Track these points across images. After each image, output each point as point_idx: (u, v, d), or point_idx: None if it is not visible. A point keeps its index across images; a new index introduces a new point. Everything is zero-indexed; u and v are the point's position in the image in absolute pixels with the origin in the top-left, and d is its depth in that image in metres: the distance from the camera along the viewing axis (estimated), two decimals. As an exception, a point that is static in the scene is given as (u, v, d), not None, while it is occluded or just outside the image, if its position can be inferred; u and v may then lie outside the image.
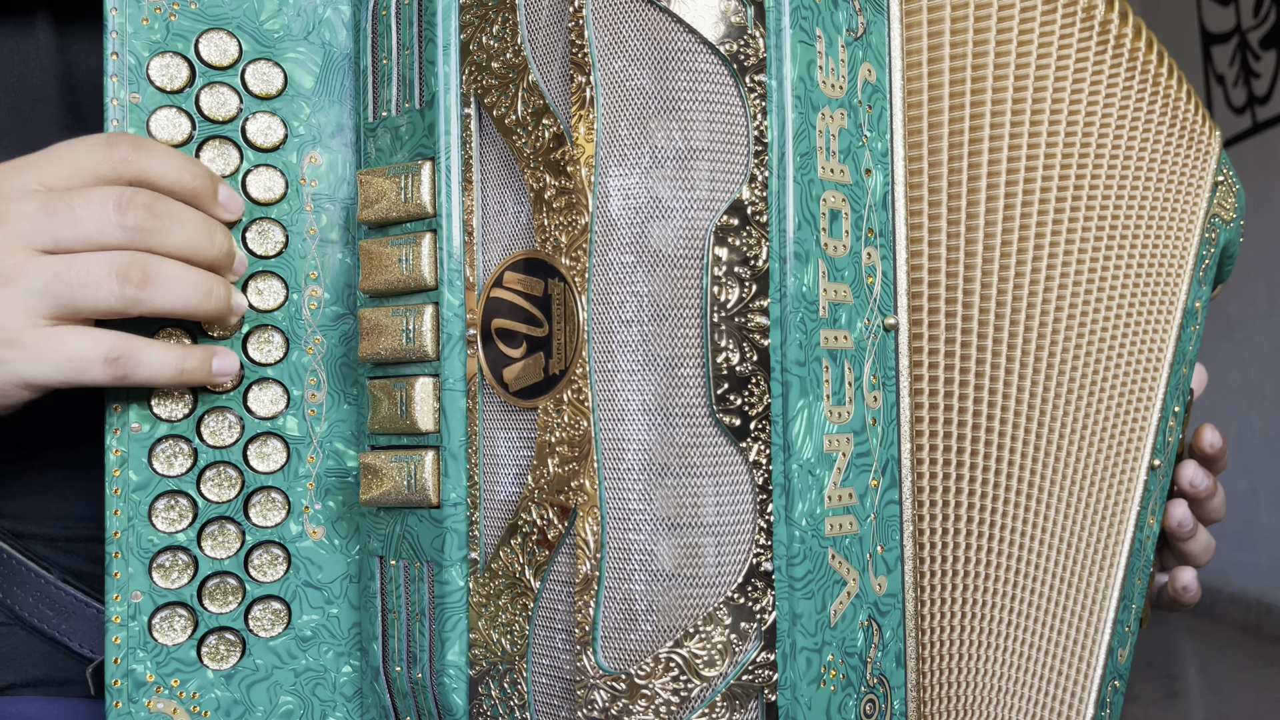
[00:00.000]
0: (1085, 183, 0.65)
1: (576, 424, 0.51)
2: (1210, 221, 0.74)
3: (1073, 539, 0.65)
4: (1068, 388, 0.64)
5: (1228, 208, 0.77)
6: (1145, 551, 0.70)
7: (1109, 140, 0.66)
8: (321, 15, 0.61)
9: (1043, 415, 0.63)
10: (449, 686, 0.55)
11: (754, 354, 0.50)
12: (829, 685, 0.52)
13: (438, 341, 0.55)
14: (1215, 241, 0.75)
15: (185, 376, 0.55)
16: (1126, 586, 0.68)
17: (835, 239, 0.53)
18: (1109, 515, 0.67)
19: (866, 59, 0.55)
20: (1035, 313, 0.63)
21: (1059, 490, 0.64)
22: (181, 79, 0.59)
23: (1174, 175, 0.71)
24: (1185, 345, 0.73)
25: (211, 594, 0.58)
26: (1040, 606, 0.64)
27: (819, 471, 0.52)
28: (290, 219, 0.60)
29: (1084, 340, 0.65)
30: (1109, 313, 0.66)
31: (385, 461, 0.56)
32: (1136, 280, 0.69)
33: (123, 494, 0.57)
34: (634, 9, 0.51)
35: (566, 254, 0.52)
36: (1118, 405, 0.68)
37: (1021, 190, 0.62)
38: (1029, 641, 0.63)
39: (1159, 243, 0.70)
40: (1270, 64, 3.95)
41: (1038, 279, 0.63)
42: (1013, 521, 0.62)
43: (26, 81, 0.67)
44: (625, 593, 0.51)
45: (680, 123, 0.51)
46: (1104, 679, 0.67)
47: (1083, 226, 0.65)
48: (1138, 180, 0.68)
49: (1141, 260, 0.69)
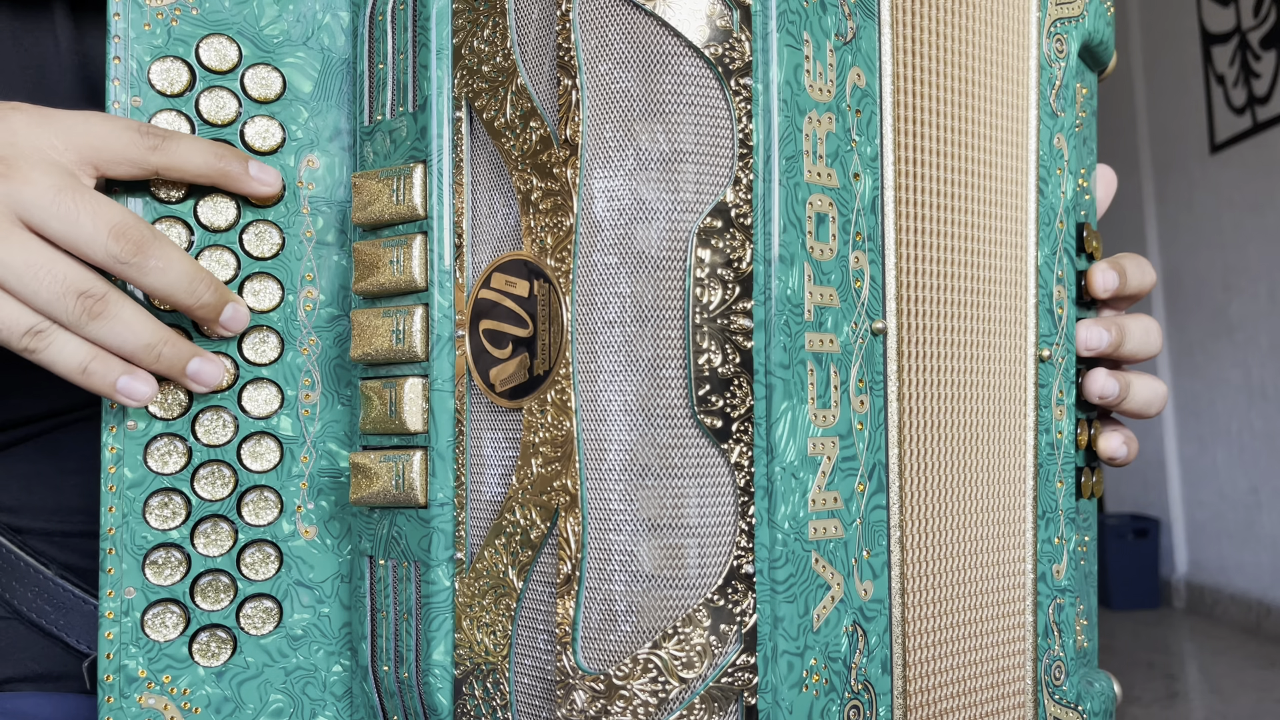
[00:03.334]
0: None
1: (560, 424, 0.52)
2: (1050, 32, 0.64)
3: (994, 498, 0.61)
4: (987, 344, 0.60)
5: (1071, 1, 0.65)
6: (1061, 449, 0.64)
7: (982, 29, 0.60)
8: (320, 21, 0.62)
9: (970, 384, 0.59)
10: (434, 686, 0.55)
11: (737, 356, 0.50)
12: (811, 690, 0.52)
13: (427, 342, 0.56)
14: (1064, 52, 0.65)
15: (87, 377, 0.55)
16: (1042, 501, 0.62)
17: (822, 242, 0.53)
18: (1009, 446, 0.62)
19: (856, 63, 0.55)
20: (970, 294, 0.59)
21: (985, 458, 0.60)
22: (182, 83, 0.60)
23: (1001, 16, 0.62)
24: (1052, 196, 0.64)
25: (204, 591, 0.59)
26: (987, 586, 0.61)
27: (803, 474, 0.52)
28: (287, 221, 0.61)
29: (978, 286, 0.60)
30: (981, 234, 0.61)
31: (375, 461, 0.57)
32: (999, 164, 0.61)
33: (118, 491, 0.58)
34: (620, 13, 0.51)
35: (552, 255, 0.52)
36: (1004, 318, 0.61)
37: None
38: (985, 625, 0.61)
39: (996, 101, 0.61)
40: (1270, 64, 3.91)
41: (970, 268, 0.60)
42: (964, 506, 0.60)
43: (44, 72, 0.68)
44: (606, 593, 0.51)
45: (665, 126, 0.51)
46: (1038, 608, 0.63)
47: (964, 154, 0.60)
48: (993, 60, 0.61)
49: (987, 134, 0.61)
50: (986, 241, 0.61)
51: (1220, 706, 3.18)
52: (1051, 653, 0.64)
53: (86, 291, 0.53)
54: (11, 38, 0.67)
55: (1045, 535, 0.63)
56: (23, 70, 0.68)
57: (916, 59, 0.59)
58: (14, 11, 0.67)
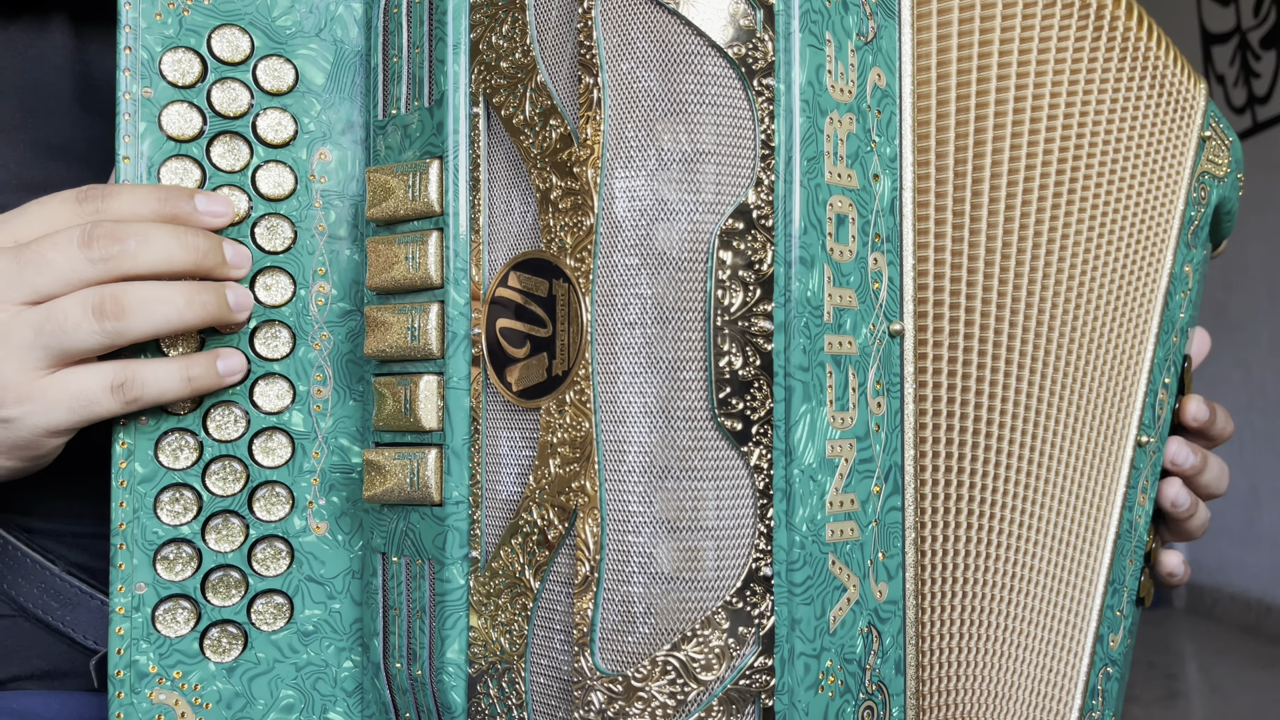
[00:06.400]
0: (1080, 173, 0.64)
1: (578, 425, 0.51)
2: (1198, 179, 0.71)
3: (1063, 533, 0.64)
4: (1063, 384, 0.64)
5: (1219, 163, 0.73)
6: (1136, 532, 0.68)
7: (1103, 124, 0.65)
8: (334, 12, 0.62)
9: (1040, 415, 0.63)
10: (448, 684, 0.55)
11: (757, 358, 0.50)
12: (827, 691, 0.52)
13: (443, 340, 0.55)
14: (1205, 200, 0.72)
15: (194, 385, 0.56)
16: (1115, 570, 0.66)
17: (841, 244, 0.53)
18: (1096, 500, 0.66)
19: (876, 63, 0.55)
20: (1033, 313, 0.62)
21: (1054, 489, 0.64)
22: (193, 74, 0.59)
23: (1155, 138, 0.68)
24: (1174, 313, 0.70)
25: (214, 587, 0.59)
26: (1034, 607, 0.63)
27: (820, 477, 0.52)
28: (299, 215, 0.61)
29: (1078, 334, 0.64)
30: (1099, 300, 0.65)
31: (389, 459, 0.56)
32: (1122, 255, 0.66)
33: (128, 486, 0.57)
34: (643, 11, 0.51)
35: (571, 255, 0.52)
36: (1105, 386, 0.66)
37: (1021, 192, 0.62)
38: (1023, 644, 0.63)
39: (1143, 211, 0.67)
40: (1270, 64, 3.92)
41: (1035, 280, 0.62)
42: (1012, 526, 0.62)
43: (41, 81, 0.68)
44: (624, 595, 0.51)
45: (687, 125, 0.51)
46: (1092, 667, 0.65)
47: (1077, 220, 0.64)
48: (1121, 154, 0.66)
49: (1127, 233, 0.67)
50: (1079, 282, 0.65)
51: (1220, 706, 3.20)
52: (1093, 715, 0.65)
53: (96, 303, 0.53)
54: (8, 46, 0.67)
55: (1111, 602, 0.66)
56: (19, 80, 0.67)
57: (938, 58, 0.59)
58: (10, 20, 0.67)
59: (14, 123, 0.68)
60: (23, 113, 0.68)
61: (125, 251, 0.54)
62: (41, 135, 0.68)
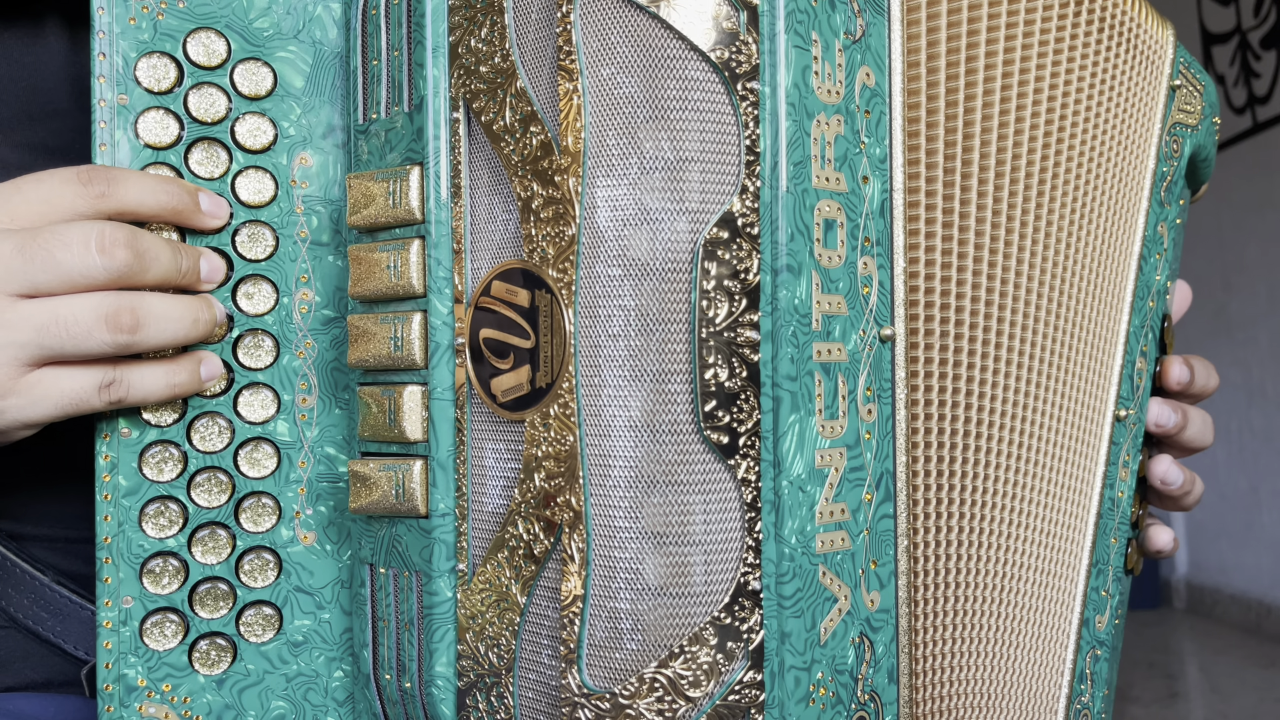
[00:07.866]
0: (1064, 158, 0.62)
1: (563, 438, 0.51)
2: (1170, 132, 0.68)
3: (1049, 525, 0.63)
4: (1048, 374, 0.63)
5: (1191, 111, 0.70)
6: (1119, 509, 0.67)
7: (1084, 108, 0.63)
8: (312, 13, 0.60)
9: (1027, 410, 0.62)
10: (437, 697, 0.55)
11: (744, 369, 0.49)
12: (818, 704, 0.51)
13: (426, 350, 0.54)
14: (1178, 153, 0.69)
15: (176, 390, 0.56)
16: (1098, 551, 0.65)
17: (830, 249, 0.52)
18: (1077, 485, 0.65)
19: (865, 62, 0.54)
20: (1020, 306, 0.61)
21: (1040, 481, 0.63)
22: (169, 80, 0.58)
23: (1126, 102, 0.66)
24: (1149, 276, 0.68)
25: (202, 599, 0.58)
26: (1023, 604, 0.62)
27: (810, 488, 0.51)
28: (280, 221, 0.60)
29: (1062, 321, 0.63)
30: (1079, 283, 0.64)
31: (374, 470, 0.56)
32: (1099, 231, 0.65)
33: (113, 499, 0.57)
34: (623, 14, 0.50)
35: (554, 265, 0.51)
36: (1085, 367, 0.65)
37: (1009, 184, 0.60)
38: (1014, 642, 0.62)
39: (1115, 180, 0.65)
40: (1270, 64, 3.87)
41: (1021, 274, 0.61)
42: (1002, 525, 0.61)
43: (37, 86, 0.67)
44: (611, 610, 0.50)
45: (670, 132, 0.49)
46: (1079, 652, 0.65)
47: (1060, 206, 0.62)
48: (1098, 130, 0.64)
49: (1105, 207, 0.65)
50: (1061, 268, 0.63)
51: (1220, 706, 3.19)
52: (1082, 700, 0.64)
53: (112, 314, 0.52)
54: (3, 51, 0.66)
55: (1095, 584, 0.65)
56: (16, 84, 0.66)
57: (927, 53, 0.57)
58: (6, 25, 0.65)
59: (12, 126, 0.67)
60: (21, 116, 0.67)
61: (142, 266, 0.53)
62: (39, 138, 0.67)
